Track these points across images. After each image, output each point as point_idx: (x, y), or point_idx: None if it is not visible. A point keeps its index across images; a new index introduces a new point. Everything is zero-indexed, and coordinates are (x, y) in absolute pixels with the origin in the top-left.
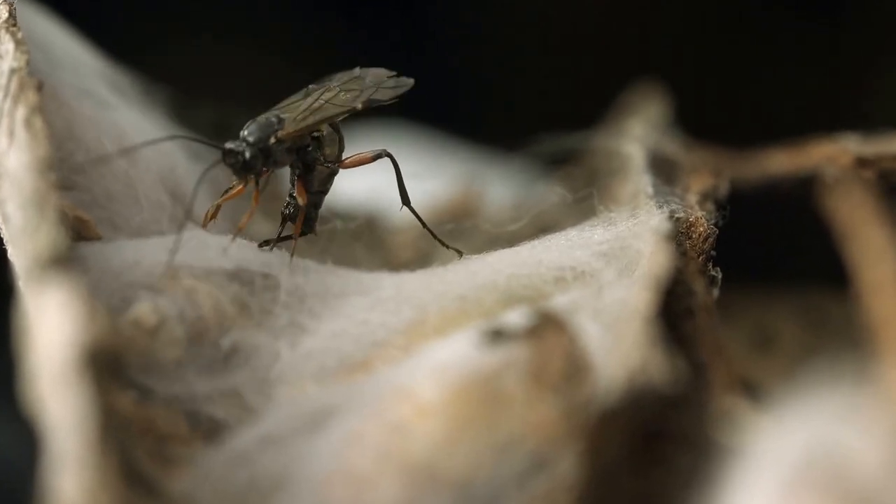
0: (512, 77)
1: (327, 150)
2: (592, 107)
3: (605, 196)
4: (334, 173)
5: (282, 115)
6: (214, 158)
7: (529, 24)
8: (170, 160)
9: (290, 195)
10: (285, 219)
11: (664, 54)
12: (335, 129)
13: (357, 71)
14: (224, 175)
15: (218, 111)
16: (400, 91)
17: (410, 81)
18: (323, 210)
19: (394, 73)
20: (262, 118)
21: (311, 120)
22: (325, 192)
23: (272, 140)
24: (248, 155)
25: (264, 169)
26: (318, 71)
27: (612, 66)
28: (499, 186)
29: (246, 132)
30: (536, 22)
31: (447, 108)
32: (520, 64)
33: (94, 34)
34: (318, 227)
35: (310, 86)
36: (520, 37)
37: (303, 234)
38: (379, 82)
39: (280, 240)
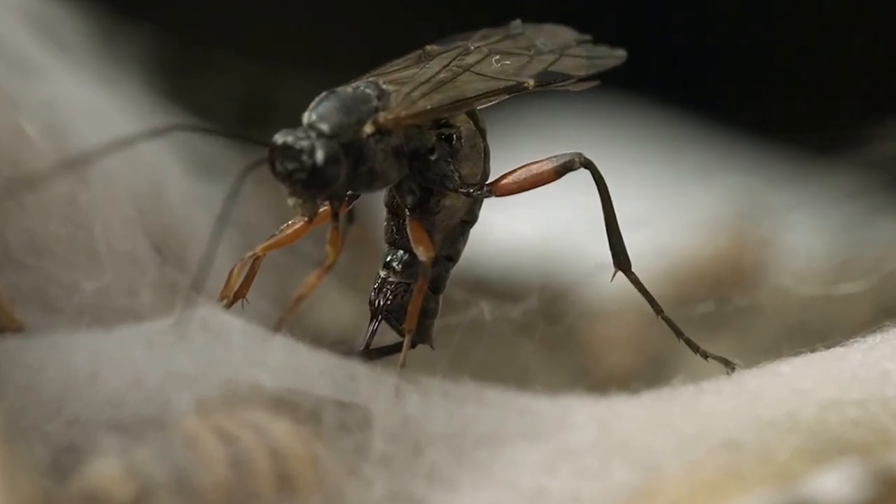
0: (813, 30)
1: (465, 168)
2: None
3: None
4: (473, 220)
5: (384, 86)
6: (249, 163)
7: None
8: (152, 175)
9: (387, 263)
10: (377, 312)
11: None
12: (479, 126)
13: (518, 26)
14: (267, 207)
15: (247, 75)
16: (602, 66)
17: (621, 54)
18: (454, 285)
19: (586, 36)
20: (345, 90)
21: (437, 100)
22: (456, 258)
23: (366, 130)
24: (320, 157)
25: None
26: (442, 22)
27: None
28: (803, 227)
29: (315, 114)
30: None
31: (697, 84)
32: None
33: None
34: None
35: (428, 46)
36: None
37: (413, 344)
38: (562, 47)
39: (374, 354)
